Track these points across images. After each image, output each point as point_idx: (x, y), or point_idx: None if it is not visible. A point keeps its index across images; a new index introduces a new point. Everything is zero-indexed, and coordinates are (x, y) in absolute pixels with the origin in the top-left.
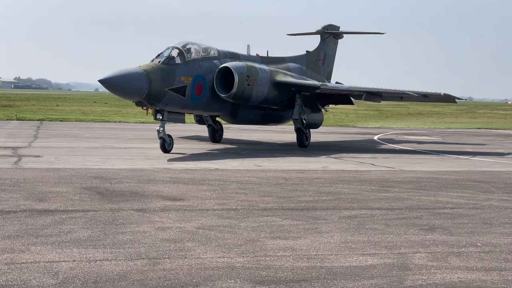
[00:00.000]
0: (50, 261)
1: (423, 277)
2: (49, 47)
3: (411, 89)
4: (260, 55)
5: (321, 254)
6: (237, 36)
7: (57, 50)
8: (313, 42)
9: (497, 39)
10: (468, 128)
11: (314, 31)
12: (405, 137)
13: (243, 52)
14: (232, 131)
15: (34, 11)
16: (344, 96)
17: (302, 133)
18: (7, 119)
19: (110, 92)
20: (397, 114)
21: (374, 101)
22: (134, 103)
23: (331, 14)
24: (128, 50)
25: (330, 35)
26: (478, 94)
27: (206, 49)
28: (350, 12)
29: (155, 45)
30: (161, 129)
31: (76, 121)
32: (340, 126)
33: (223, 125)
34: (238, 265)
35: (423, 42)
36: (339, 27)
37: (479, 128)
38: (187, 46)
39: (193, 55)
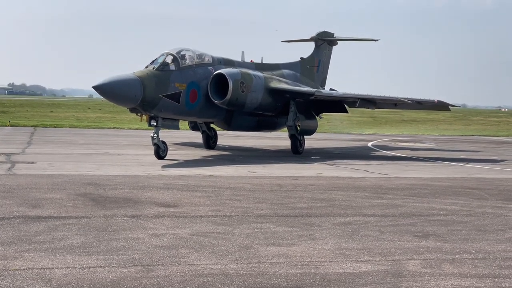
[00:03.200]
0: (44, 268)
1: (417, 284)
2: (43, 53)
3: (405, 96)
4: (254, 61)
5: (315, 261)
6: (231, 42)
7: (51, 56)
8: (307, 49)
9: (492, 46)
10: (462, 135)
11: (309, 38)
12: (399, 144)
13: (238, 58)
14: (227, 137)
15: (28, 17)
16: (338, 104)
17: (296, 139)
18: (1, 125)
19: (104, 99)
20: (391, 121)
21: (368, 108)
22: (128, 109)
23: (325, 21)
24: (122, 56)
25: (325, 41)
26: (472, 101)
27: (200, 56)
28: (345, 19)
29: (150, 51)
30: (155, 135)
31: (70, 127)
32: (335, 132)
33: (217, 131)
34: (232, 271)
35: (417, 49)
36: (333, 34)
37: (473, 135)
38: (182, 53)
39: (187, 61)
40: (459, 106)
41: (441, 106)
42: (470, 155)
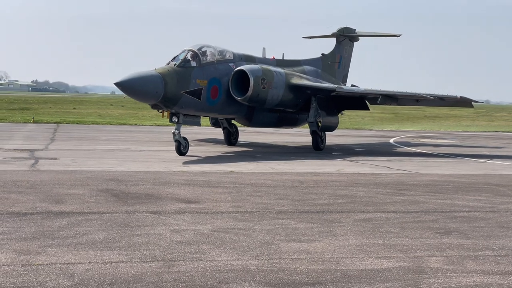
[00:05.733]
0: (66, 263)
1: (439, 280)
2: (66, 50)
3: (427, 92)
4: (275, 58)
5: (336, 257)
6: (252, 39)
7: (74, 53)
8: (328, 45)
9: None
10: (485, 131)
11: (330, 34)
12: (421, 140)
13: (259, 55)
14: (248, 134)
15: (52, 15)
16: (359, 101)
17: (317, 136)
18: (25, 122)
19: (126, 95)
20: (413, 117)
21: (390, 105)
22: (150, 106)
23: (347, 17)
24: (144, 53)
25: (346, 37)
26: (495, 97)
27: (221, 52)
28: (367, 14)
29: (171, 48)
30: (177, 131)
31: (93, 123)
32: (356, 129)
33: (238, 128)
34: (252, 267)
35: (439, 44)
36: (355, 30)
37: (496, 131)
38: (203, 49)
39: (208, 58)
40: (482, 102)
41: (464, 102)
42: (493, 151)
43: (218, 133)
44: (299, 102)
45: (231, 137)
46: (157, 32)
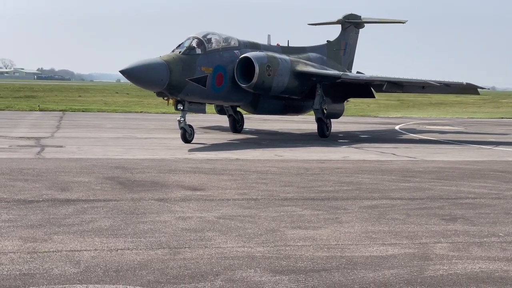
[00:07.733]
0: (72, 250)
1: (444, 267)
2: (71, 38)
3: (433, 79)
4: (280, 45)
5: (342, 244)
6: (257, 26)
7: (79, 41)
8: (334, 32)
9: None
10: (491, 118)
11: (335, 20)
12: (427, 127)
13: (264, 42)
14: (253, 121)
15: (57, 2)
16: (365, 88)
17: (323, 123)
18: (30, 110)
19: (131, 83)
20: (419, 104)
21: (395, 92)
22: (155, 93)
23: (352, 4)
24: (149, 40)
25: (351, 24)
26: (501, 84)
27: (226, 39)
28: (372, 1)
29: (177, 35)
30: (182, 119)
31: (98, 111)
32: (361, 116)
33: (244, 115)
34: (258, 254)
35: (445, 30)
36: (360, 16)
37: (502, 118)
38: (208, 36)
39: (213, 45)
40: (489, 89)
41: (470, 89)
42: (499, 138)
43: (224, 120)
44: (305, 89)
45: (236, 125)
46: (161, 20)
